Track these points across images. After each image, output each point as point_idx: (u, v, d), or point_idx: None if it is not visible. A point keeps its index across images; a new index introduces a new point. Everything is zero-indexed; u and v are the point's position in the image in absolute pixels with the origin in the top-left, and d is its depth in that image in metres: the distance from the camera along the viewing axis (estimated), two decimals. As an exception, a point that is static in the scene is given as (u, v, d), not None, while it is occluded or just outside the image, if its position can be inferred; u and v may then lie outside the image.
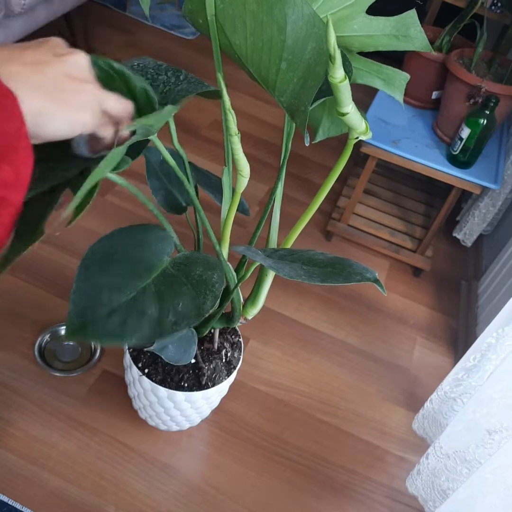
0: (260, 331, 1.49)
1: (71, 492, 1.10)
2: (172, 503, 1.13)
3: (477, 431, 1.00)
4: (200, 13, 0.69)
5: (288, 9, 0.59)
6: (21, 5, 1.73)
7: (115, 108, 0.52)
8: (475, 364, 1.10)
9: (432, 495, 1.10)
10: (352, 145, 0.71)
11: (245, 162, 0.70)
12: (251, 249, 0.75)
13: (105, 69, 0.64)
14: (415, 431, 1.32)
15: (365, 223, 1.81)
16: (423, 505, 1.14)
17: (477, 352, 1.09)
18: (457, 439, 1.04)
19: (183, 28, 2.66)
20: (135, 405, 1.20)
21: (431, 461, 1.09)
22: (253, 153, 2.08)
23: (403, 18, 0.78)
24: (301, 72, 0.63)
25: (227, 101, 0.64)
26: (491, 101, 1.40)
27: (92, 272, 0.67)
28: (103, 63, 0.64)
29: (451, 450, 1.05)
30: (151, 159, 0.93)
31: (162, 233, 0.78)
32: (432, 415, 1.23)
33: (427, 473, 1.10)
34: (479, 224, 1.76)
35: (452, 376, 1.16)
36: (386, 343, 1.57)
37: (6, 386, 1.22)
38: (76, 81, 0.47)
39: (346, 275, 0.65)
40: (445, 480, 1.07)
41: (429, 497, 1.11)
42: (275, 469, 1.23)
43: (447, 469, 1.06)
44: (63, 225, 0.54)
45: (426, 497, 1.12)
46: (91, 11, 2.59)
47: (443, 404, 1.19)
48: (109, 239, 0.73)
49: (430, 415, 1.24)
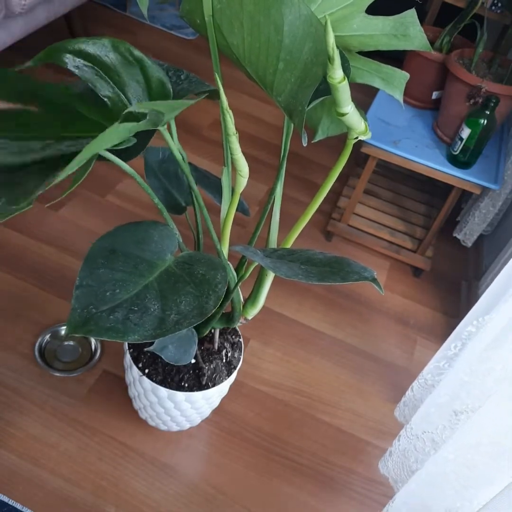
0: (260, 331, 1.49)
1: (71, 492, 1.10)
2: (172, 503, 1.13)
3: (445, 412, 1.02)
4: (198, 13, 0.70)
5: (285, 9, 0.59)
6: (21, 6, 1.73)
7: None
8: (456, 353, 1.10)
9: (402, 476, 1.11)
10: (352, 145, 0.71)
11: (243, 162, 0.70)
12: (250, 249, 0.75)
13: (125, 55, 0.65)
14: (396, 418, 1.32)
15: (365, 223, 1.81)
16: (393, 486, 1.15)
17: (458, 341, 1.09)
18: (427, 421, 1.05)
19: (183, 28, 2.66)
20: (135, 405, 1.20)
21: (402, 442, 1.10)
22: (253, 153, 2.08)
23: (403, 17, 0.78)
24: (299, 72, 0.63)
25: (224, 101, 0.64)
26: (491, 101, 1.39)
27: (95, 268, 0.68)
28: (124, 48, 0.65)
29: (421, 431, 1.06)
30: (149, 159, 0.93)
31: (166, 230, 0.78)
32: (413, 402, 1.24)
33: (398, 455, 1.12)
34: (479, 224, 1.76)
35: (433, 364, 1.16)
36: (386, 343, 1.57)
37: (6, 386, 1.22)
38: None
39: (343, 275, 0.65)
40: (414, 461, 1.08)
41: (399, 478, 1.12)
42: (275, 469, 1.23)
43: (416, 450, 1.07)
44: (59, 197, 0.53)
45: (396, 478, 1.13)
46: (91, 11, 2.60)
47: (424, 391, 1.20)
48: (113, 235, 0.73)
49: (411, 402, 1.25)
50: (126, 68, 0.65)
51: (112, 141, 0.55)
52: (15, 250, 1.51)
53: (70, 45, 0.64)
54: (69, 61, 0.64)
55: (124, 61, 0.65)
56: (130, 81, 0.66)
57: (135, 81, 0.67)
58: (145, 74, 0.66)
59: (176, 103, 0.59)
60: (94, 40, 0.65)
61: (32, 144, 0.53)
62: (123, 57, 0.65)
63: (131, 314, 0.64)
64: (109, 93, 0.65)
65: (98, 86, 0.65)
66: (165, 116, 0.59)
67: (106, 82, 0.65)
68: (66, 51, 0.63)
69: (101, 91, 0.65)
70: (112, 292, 0.65)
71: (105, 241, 0.71)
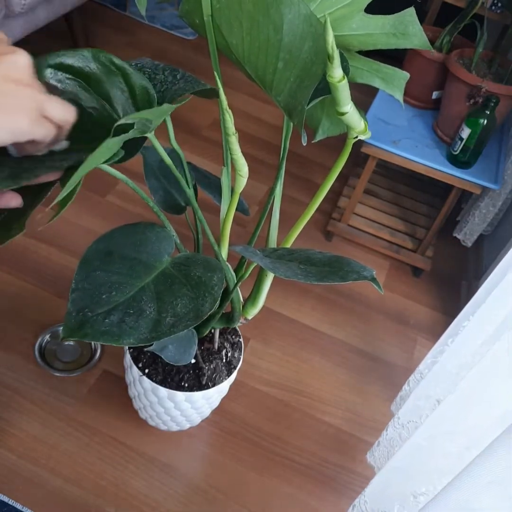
0: (260, 331, 1.49)
1: (71, 492, 1.10)
2: (172, 503, 1.13)
3: (429, 402, 1.02)
4: (197, 13, 0.69)
5: (284, 8, 0.59)
6: (22, 5, 1.73)
7: (57, 115, 0.49)
8: None
9: (385, 464, 1.12)
10: (351, 144, 0.71)
11: (243, 162, 0.70)
12: (249, 249, 0.75)
13: (106, 64, 0.65)
14: (392, 412, 1.32)
15: (365, 223, 1.81)
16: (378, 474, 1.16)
17: (454, 336, 1.10)
18: (413, 411, 1.05)
19: (183, 28, 2.66)
20: (135, 405, 1.20)
21: (390, 432, 1.11)
22: (253, 153, 2.08)
23: (402, 16, 0.78)
24: (298, 71, 0.63)
25: (224, 100, 0.64)
26: (491, 101, 1.39)
27: (91, 271, 0.67)
28: (104, 57, 0.65)
29: (406, 420, 1.07)
30: (149, 159, 0.93)
31: (163, 232, 0.78)
32: (409, 396, 1.24)
33: (384, 444, 1.12)
34: (479, 224, 1.76)
35: (430, 358, 1.16)
36: (386, 343, 1.57)
37: (6, 386, 1.23)
38: (13, 84, 0.44)
39: (343, 274, 0.65)
40: (398, 450, 1.08)
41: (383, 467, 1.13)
42: (275, 469, 1.23)
43: (401, 439, 1.08)
44: (46, 220, 0.54)
45: (381, 467, 1.13)
46: (91, 11, 2.60)
47: (419, 385, 1.21)
48: (109, 238, 0.73)
49: (407, 396, 1.25)
50: (108, 77, 0.65)
51: (105, 156, 0.55)
52: (15, 250, 1.51)
53: (50, 59, 0.63)
54: (52, 76, 0.63)
55: (106, 70, 0.65)
56: (114, 89, 0.66)
57: (119, 90, 0.66)
58: (127, 82, 0.66)
59: (164, 108, 0.59)
60: (73, 52, 0.64)
61: (25, 163, 0.53)
62: (104, 66, 0.64)
63: (126, 317, 0.64)
64: (93, 104, 0.65)
65: (83, 98, 0.64)
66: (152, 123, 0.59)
67: (89, 93, 0.64)
68: (47, 65, 0.63)
69: (86, 102, 0.64)
70: (108, 295, 0.65)
71: (101, 243, 0.71)
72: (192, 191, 0.83)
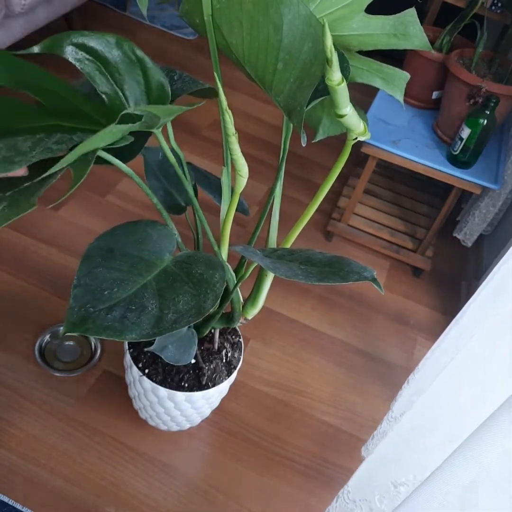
0: (260, 331, 1.49)
1: (71, 492, 1.10)
2: (172, 503, 1.13)
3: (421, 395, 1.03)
4: (197, 13, 0.70)
5: (284, 8, 0.59)
6: (22, 5, 1.73)
7: None
8: None
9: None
10: (351, 145, 0.71)
11: (243, 162, 0.70)
12: (249, 249, 0.75)
13: (127, 53, 0.65)
14: None
15: (365, 223, 1.81)
16: None
17: None
18: (407, 405, 1.06)
19: (183, 28, 2.66)
20: (135, 405, 1.20)
21: (383, 425, 1.11)
22: (253, 153, 2.08)
23: (402, 16, 0.78)
24: (298, 72, 0.63)
25: (223, 101, 0.64)
26: (491, 101, 1.39)
27: (93, 267, 0.68)
28: (127, 46, 0.65)
29: (399, 413, 1.07)
30: (149, 159, 0.93)
31: (164, 230, 0.78)
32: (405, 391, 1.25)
33: (378, 437, 1.13)
34: (479, 224, 1.76)
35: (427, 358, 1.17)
36: (386, 343, 1.57)
37: (6, 386, 1.22)
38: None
39: (343, 275, 0.65)
40: (382, 441, 1.09)
41: None
42: (275, 469, 1.23)
43: (393, 431, 1.07)
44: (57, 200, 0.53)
45: None
46: (91, 11, 2.60)
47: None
48: (111, 235, 0.73)
49: None
50: (127, 67, 0.65)
51: (106, 141, 0.55)
52: (15, 250, 1.51)
53: (74, 37, 0.64)
54: (72, 53, 0.64)
55: (127, 59, 0.65)
56: (130, 80, 0.66)
57: (135, 81, 0.67)
58: (145, 75, 0.66)
59: (174, 108, 0.59)
60: (98, 35, 0.65)
61: (20, 144, 0.53)
62: (126, 55, 0.65)
63: (128, 313, 0.64)
64: (107, 90, 0.65)
65: (98, 81, 0.65)
66: (160, 119, 0.59)
67: (106, 78, 0.65)
68: (70, 42, 0.63)
69: (100, 86, 0.65)
70: (110, 291, 0.65)
71: (102, 240, 0.71)
72: (192, 190, 0.83)
